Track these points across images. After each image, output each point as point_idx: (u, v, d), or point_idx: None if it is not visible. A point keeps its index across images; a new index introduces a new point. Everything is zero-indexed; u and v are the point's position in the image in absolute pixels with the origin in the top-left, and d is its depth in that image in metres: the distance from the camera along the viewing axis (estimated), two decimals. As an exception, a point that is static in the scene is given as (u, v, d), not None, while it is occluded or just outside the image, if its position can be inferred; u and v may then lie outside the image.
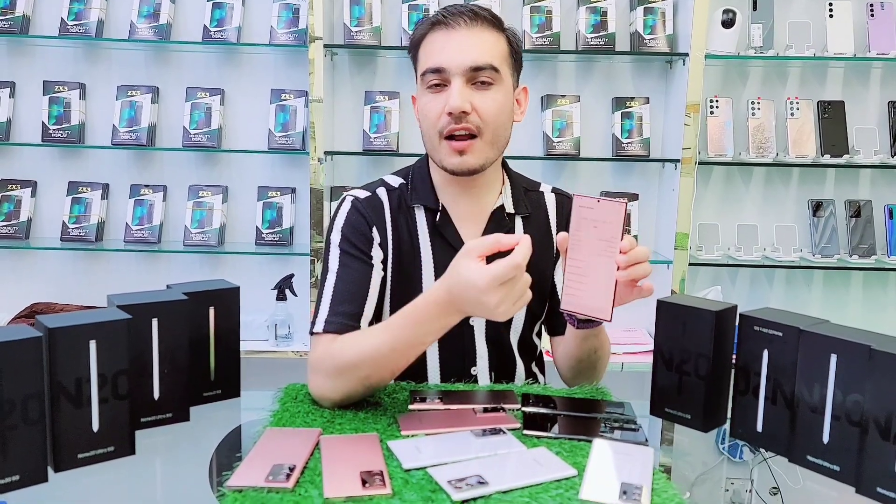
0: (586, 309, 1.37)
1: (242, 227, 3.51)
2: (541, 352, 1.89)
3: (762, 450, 1.34)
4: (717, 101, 3.35)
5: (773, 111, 3.36)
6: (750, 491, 1.23)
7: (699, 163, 3.26)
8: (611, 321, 1.37)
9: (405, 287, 1.68)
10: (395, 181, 1.77)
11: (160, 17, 3.31)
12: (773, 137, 3.33)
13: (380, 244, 1.68)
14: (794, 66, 3.45)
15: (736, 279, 3.56)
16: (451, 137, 1.60)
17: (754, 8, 3.29)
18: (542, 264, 1.78)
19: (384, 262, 1.68)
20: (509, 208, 1.76)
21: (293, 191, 3.45)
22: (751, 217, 3.50)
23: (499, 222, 1.73)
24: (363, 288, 1.62)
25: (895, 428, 1.13)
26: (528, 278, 1.29)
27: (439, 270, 1.68)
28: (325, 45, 3.20)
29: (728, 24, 3.21)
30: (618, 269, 1.33)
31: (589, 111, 3.45)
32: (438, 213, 1.71)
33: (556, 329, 1.83)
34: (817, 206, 3.38)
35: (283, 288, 3.21)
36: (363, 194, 1.73)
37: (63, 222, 3.37)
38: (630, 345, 3.24)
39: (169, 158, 3.49)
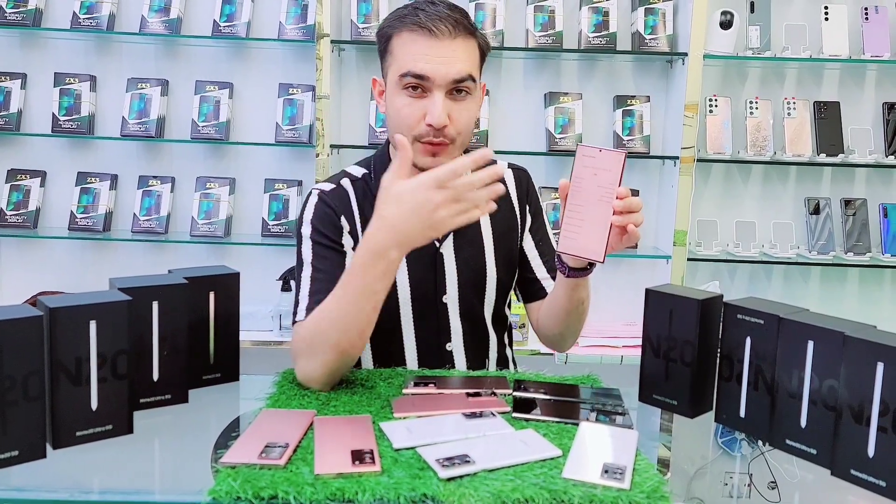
0: (581, 251, 1.44)
1: (249, 219, 3.55)
2: (511, 324, 1.94)
3: (760, 443, 1.37)
4: (716, 100, 3.38)
5: (770, 111, 3.39)
6: (749, 485, 1.25)
7: (698, 160, 3.29)
8: (603, 262, 1.44)
9: None
10: (358, 171, 1.81)
11: (171, 12, 3.35)
12: (771, 136, 3.36)
13: (349, 232, 1.72)
14: (790, 67, 3.48)
15: (735, 275, 3.59)
16: (424, 141, 1.64)
17: (752, 10, 3.33)
18: (507, 236, 1.84)
19: (355, 248, 1.71)
20: None
21: (299, 183, 3.49)
22: (749, 214, 3.53)
23: None
24: (339, 276, 1.66)
25: (867, 412, 1.17)
26: (489, 189, 1.37)
27: (408, 254, 1.73)
28: (333, 41, 3.25)
29: (726, 25, 3.25)
30: (613, 214, 1.40)
31: (591, 109, 3.49)
32: None
33: (533, 295, 1.88)
34: (816, 207, 3.40)
35: (289, 279, 3.25)
36: (328, 187, 1.77)
37: (71, 212, 3.42)
38: (629, 338, 3.27)
39: (177, 150, 3.54)
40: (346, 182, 1.78)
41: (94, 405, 1.28)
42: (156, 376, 1.45)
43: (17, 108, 3.41)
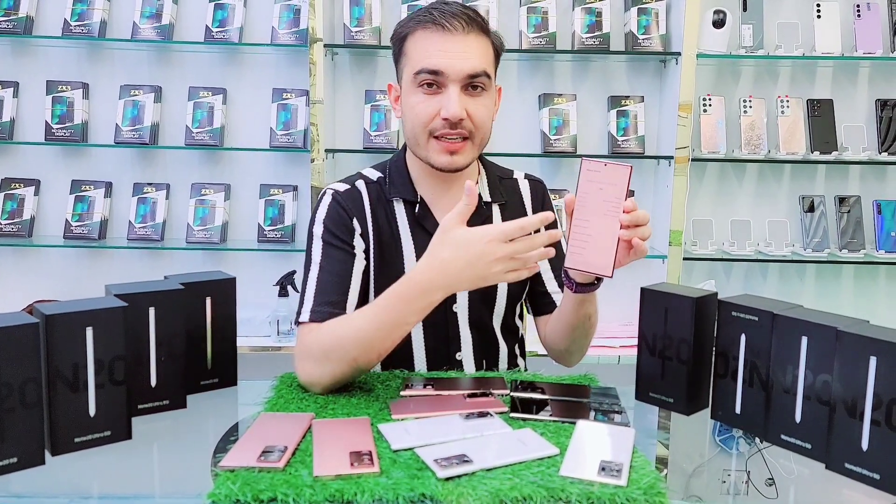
0: (589, 266, 1.43)
1: (244, 225, 3.54)
2: (522, 335, 1.94)
3: (758, 440, 1.37)
4: (709, 99, 3.39)
5: (764, 109, 3.39)
6: (746, 482, 1.25)
7: (693, 160, 3.30)
8: (612, 277, 1.43)
9: (388, 278, 1.71)
10: (374, 174, 1.81)
11: (163, 18, 3.35)
12: (765, 135, 3.37)
13: (361, 235, 1.72)
14: (784, 65, 3.49)
15: (731, 273, 3.61)
16: (441, 137, 1.64)
17: (744, 9, 3.33)
18: None
19: (366, 251, 1.72)
20: (486, 197, 1.81)
21: (295, 188, 3.49)
22: (744, 212, 3.54)
23: (477, 211, 1.75)
24: (346, 277, 1.67)
25: (861, 406, 1.17)
26: (541, 249, 1.38)
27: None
28: (326, 45, 3.25)
29: (719, 24, 3.26)
30: (620, 228, 1.40)
31: (585, 109, 3.50)
32: (417, 205, 1.75)
33: (542, 309, 1.88)
34: (810, 205, 3.41)
35: (285, 284, 3.25)
36: (343, 187, 1.77)
37: (66, 220, 3.41)
38: (626, 338, 3.28)
39: (172, 157, 3.54)
40: (360, 184, 1.78)
41: (91, 411, 1.29)
42: (153, 382, 1.45)
43: (10, 116, 3.40)
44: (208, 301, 1.58)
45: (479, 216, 1.76)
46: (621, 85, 3.53)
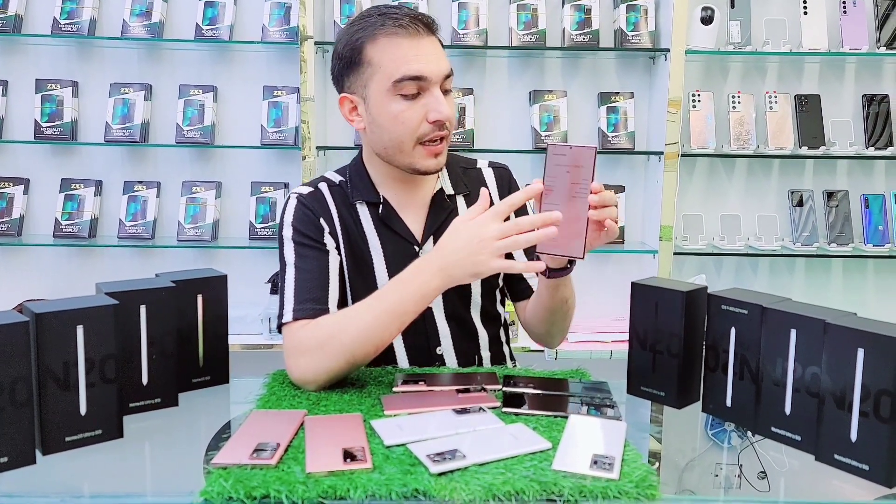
0: (561, 249, 1.43)
1: (236, 222, 3.54)
2: (506, 320, 1.94)
3: (750, 434, 1.38)
4: (698, 95, 3.41)
5: (752, 105, 3.41)
6: (739, 476, 1.26)
7: (683, 155, 3.31)
8: (583, 259, 1.43)
9: (360, 276, 1.73)
10: (336, 178, 1.82)
11: (153, 16, 3.34)
12: (754, 130, 3.39)
13: (329, 233, 1.72)
14: (771, 61, 3.51)
15: (721, 268, 3.62)
16: (427, 142, 1.65)
17: (732, 5, 3.35)
18: None
19: (337, 248, 1.72)
20: (449, 190, 1.81)
21: (286, 186, 3.49)
22: (733, 207, 3.56)
23: (440, 205, 1.79)
24: (324, 274, 1.67)
25: (849, 398, 1.18)
26: (525, 232, 1.40)
27: (389, 259, 1.74)
28: (317, 43, 3.25)
29: (707, 20, 3.27)
30: (589, 208, 1.40)
31: (576, 106, 3.51)
32: (381, 206, 1.75)
33: (520, 294, 1.89)
34: (800, 200, 3.43)
35: (277, 282, 3.24)
36: (306, 190, 1.78)
37: (56, 219, 3.40)
38: (618, 333, 3.29)
39: (162, 155, 3.53)
40: (323, 186, 1.79)
41: (83, 410, 1.28)
42: (145, 380, 1.45)
43: (-1, 115, 3.40)
44: (200, 299, 1.58)
45: (445, 209, 1.78)
46: (611, 81, 3.54)
